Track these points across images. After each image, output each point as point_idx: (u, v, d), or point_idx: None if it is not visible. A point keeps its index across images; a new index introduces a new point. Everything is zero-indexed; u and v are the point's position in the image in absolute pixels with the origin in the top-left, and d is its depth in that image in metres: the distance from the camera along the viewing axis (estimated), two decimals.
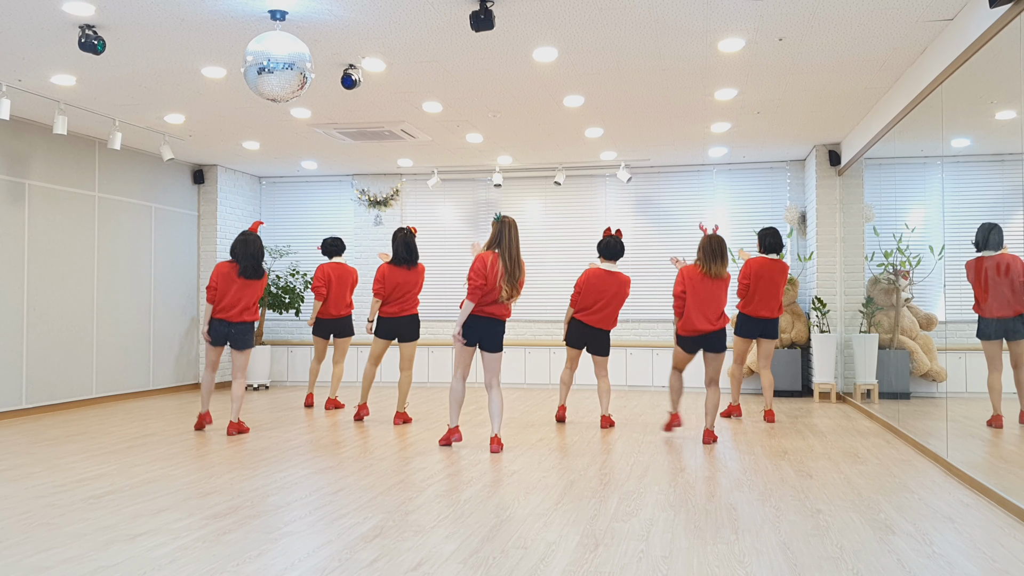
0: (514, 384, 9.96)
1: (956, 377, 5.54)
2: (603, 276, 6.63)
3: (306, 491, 4.41)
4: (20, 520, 3.86)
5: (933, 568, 3.13)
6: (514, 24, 5.05)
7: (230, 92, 6.61)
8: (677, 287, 5.94)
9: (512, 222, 5.61)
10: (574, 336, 6.75)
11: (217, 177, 9.95)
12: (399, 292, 6.79)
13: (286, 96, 4.78)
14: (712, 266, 5.86)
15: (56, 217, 7.93)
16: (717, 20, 5.01)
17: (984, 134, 5.34)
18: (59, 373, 7.91)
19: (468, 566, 3.15)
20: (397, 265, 6.79)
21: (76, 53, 5.57)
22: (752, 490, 4.43)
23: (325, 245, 7.91)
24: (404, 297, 6.82)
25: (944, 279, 5.47)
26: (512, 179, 10.31)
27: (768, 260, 6.94)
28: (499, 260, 5.50)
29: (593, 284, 6.62)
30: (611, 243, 6.72)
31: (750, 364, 8.88)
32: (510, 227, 5.57)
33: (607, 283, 6.62)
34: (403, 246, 6.81)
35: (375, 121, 7.60)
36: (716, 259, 5.87)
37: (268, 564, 3.18)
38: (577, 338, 6.74)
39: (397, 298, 6.80)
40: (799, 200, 9.62)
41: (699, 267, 5.89)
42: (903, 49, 5.52)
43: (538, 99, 6.82)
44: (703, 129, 7.94)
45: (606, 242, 6.73)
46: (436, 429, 6.58)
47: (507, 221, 5.59)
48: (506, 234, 5.54)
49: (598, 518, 3.85)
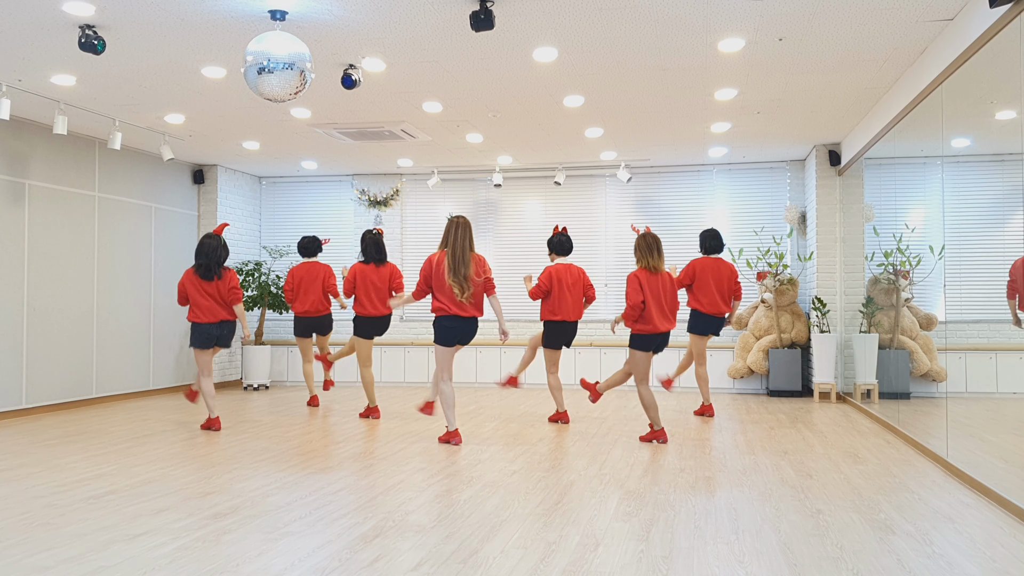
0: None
1: (956, 377, 5.54)
2: (563, 271, 6.83)
3: (306, 491, 4.41)
4: (20, 520, 3.86)
5: (933, 568, 3.13)
6: (514, 24, 5.05)
7: (230, 92, 6.61)
8: (635, 297, 5.75)
9: (460, 221, 5.74)
10: (554, 337, 6.85)
11: (217, 177, 9.95)
12: (373, 291, 7.05)
13: (286, 96, 4.78)
14: (650, 260, 5.87)
15: (56, 217, 7.93)
16: (717, 20, 5.01)
17: (984, 134, 5.35)
18: (59, 373, 7.91)
19: (468, 566, 3.15)
20: (367, 263, 7.11)
21: (76, 53, 5.57)
22: (752, 490, 4.43)
23: (299, 245, 7.99)
24: (379, 296, 7.09)
25: (944, 279, 5.47)
26: (512, 179, 10.31)
27: (710, 259, 7.20)
28: (444, 259, 5.67)
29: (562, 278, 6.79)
30: (563, 240, 6.95)
31: (750, 364, 8.89)
32: (457, 226, 5.71)
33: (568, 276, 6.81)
34: (372, 246, 7.10)
35: (375, 121, 7.60)
36: (653, 253, 5.88)
37: (268, 564, 3.18)
38: (558, 338, 6.85)
39: (372, 297, 7.05)
40: (799, 200, 9.62)
41: (643, 267, 5.90)
42: (903, 49, 5.52)
43: (538, 99, 6.82)
44: (703, 129, 7.94)
45: (558, 239, 6.94)
46: (436, 429, 6.58)
47: (455, 221, 5.75)
48: (452, 232, 5.70)
49: (598, 518, 3.85)
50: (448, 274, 5.62)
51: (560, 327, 6.80)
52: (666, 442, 5.95)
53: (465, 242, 5.68)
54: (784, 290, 8.87)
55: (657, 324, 5.82)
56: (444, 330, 5.75)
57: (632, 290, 5.79)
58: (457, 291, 5.61)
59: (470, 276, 5.64)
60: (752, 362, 8.95)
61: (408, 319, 10.47)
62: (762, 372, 8.96)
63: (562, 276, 6.79)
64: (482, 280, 5.74)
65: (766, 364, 8.91)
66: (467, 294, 5.63)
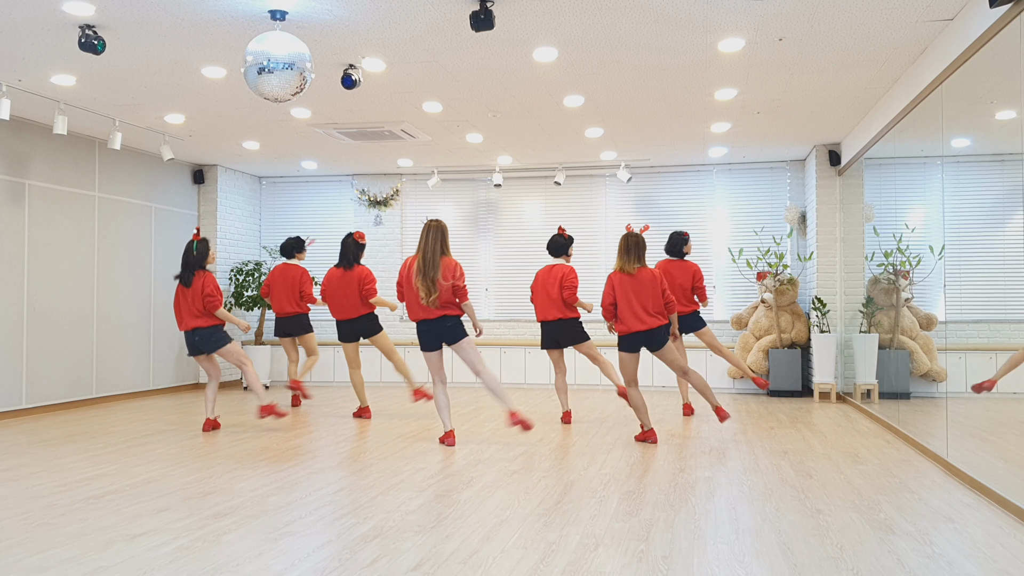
0: (514, 384, 9.95)
1: (956, 377, 5.53)
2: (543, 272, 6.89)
3: (306, 491, 4.41)
4: (20, 520, 3.86)
5: (933, 568, 3.13)
6: (514, 24, 5.05)
7: (230, 92, 6.61)
8: (604, 299, 5.91)
9: (432, 225, 5.72)
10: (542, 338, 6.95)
11: (217, 177, 9.95)
12: (339, 295, 7.14)
13: (286, 96, 4.77)
14: (623, 261, 5.87)
15: (56, 217, 7.93)
16: (717, 19, 5.01)
17: (984, 134, 5.34)
18: (59, 373, 7.91)
19: (468, 566, 3.15)
20: (337, 267, 7.19)
21: (76, 53, 5.57)
22: (752, 490, 4.43)
23: (281, 247, 7.97)
24: (346, 300, 7.13)
25: (944, 279, 5.47)
26: (512, 179, 10.31)
27: (671, 261, 7.18)
28: (415, 262, 5.67)
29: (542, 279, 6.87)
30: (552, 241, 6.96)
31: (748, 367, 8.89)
32: (428, 229, 5.70)
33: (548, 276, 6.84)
34: (341, 249, 7.22)
35: (375, 121, 7.60)
36: (629, 254, 5.87)
37: (268, 564, 3.18)
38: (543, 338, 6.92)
39: (338, 301, 7.16)
40: (799, 200, 9.62)
41: (617, 269, 5.92)
42: (903, 49, 5.52)
43: (538, 99, 6.82)
44: (703, 129, 7.94)
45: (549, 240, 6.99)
46: (435, 429, 6.59)
47: (427, 224, 5.73)
48: (423, 236, 5.70)
49: (598, 518, 3.85)
50: (416, 276, 5.61)
51: (541, 327, 6.93)
52: (655, 443, 5.94)
53: (436, 245, 5.62)
54: (784, 290, 8.86)
55: (629, 324, 5.82)
56: (418, 335, 5.81)
57: (604, 292, 5.95)
58: (423, 294, 5.57)
59: (437, 280, 5.57)
60: (752, 362, 8.94)
61: (408, 319, 10.46)
62: (762, 372, 8.96)
63: (542, 277, 6.86)
64: (449, 285, 5.60)
65: (766, 364, 8.91)
66: (433, 297, 5.56)
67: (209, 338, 6.43)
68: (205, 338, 6.44)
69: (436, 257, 5.62)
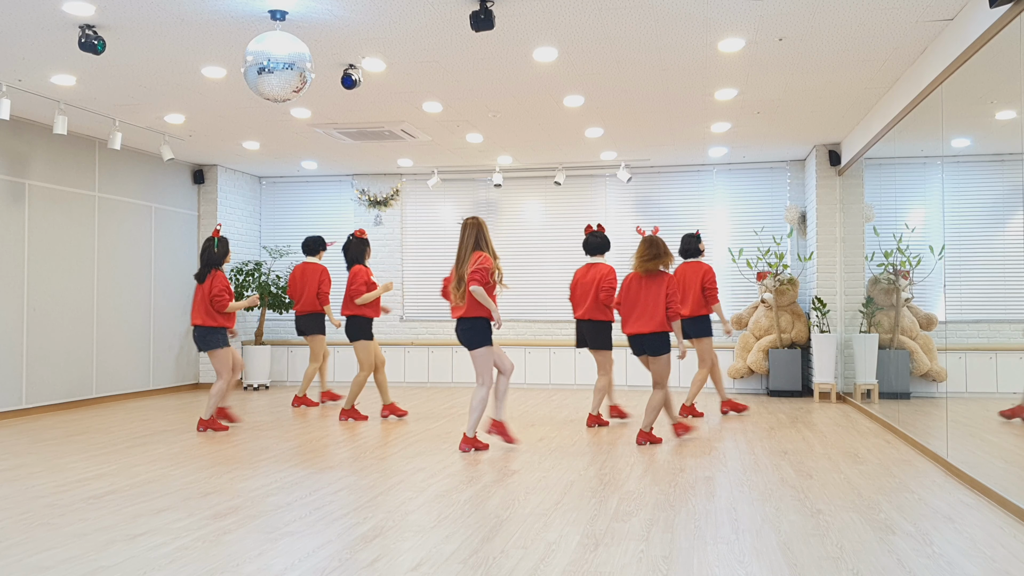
0: (514, 384, 9.95)
1: (956, 377, 5.53)
2: (582, 271, 6.80)
3: (306, 491, 4.41)
4: (20, 520, 3.86)
5: (933, 568, 3.13)
6: (514, 24, 5.05)
7: (230, 92, 6.61)
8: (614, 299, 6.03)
9: (469, 222, 5.65)
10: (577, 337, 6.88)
11: (217, 177, 9.95)
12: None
13: (286, 96, 4.77)
14: (640, 263, 5.87)
15: (56, 217, 7.93)
16: (717, 19, 5.01)
17: (984, 134, 5.34)
18: (59, 373, 7.91)
19: (468, 566, 3.14)
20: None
21: (76, 53, 5.57)
22: (752, 490, 4.43)
23: (302, 245, 8.02)
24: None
25: (944, 279, 5.47)
26: (512, 179, 10.31)
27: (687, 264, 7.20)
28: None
29: (579, 278, 6.79)
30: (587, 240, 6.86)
31: (748, 364, 8.88)
32: (464, 227, 5.66)
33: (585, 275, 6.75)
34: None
35: (375, 121, 7.60)
36: (641, 256, 5.88)
37: (268, 564, 3.18)
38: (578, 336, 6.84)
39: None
40: (799, 200, 9.62)
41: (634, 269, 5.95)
42: (903, 49, 5.52)
43: (538, 99, 6.82)
44: (703, 129, 7.94)
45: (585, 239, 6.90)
46: (436, 429, 6.58)
47: (464, 221, 5.68)
48: (460, 233, 5.67)
49: (598, 518, 3.85)
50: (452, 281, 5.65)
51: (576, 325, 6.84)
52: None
53: (469, 242, 5.61)
54: (784, 290, 8.86)
55: (627, 326, 5.94)
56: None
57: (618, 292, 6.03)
58: (452, 288, 5.61)
59: (464, 275, 5.58)
60: (752, 362, 8.95)
61: (408, 319, 10.47)
62: (762, 372, 8.96)
63: (580, 276, 6.79)
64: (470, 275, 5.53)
65: (766, 364, 8.91)
66: (460, 292, 5.57)
67: (205, 337, 6.48)
68: (202, 336, 6.49)
69: (467, 254, 5.61)
